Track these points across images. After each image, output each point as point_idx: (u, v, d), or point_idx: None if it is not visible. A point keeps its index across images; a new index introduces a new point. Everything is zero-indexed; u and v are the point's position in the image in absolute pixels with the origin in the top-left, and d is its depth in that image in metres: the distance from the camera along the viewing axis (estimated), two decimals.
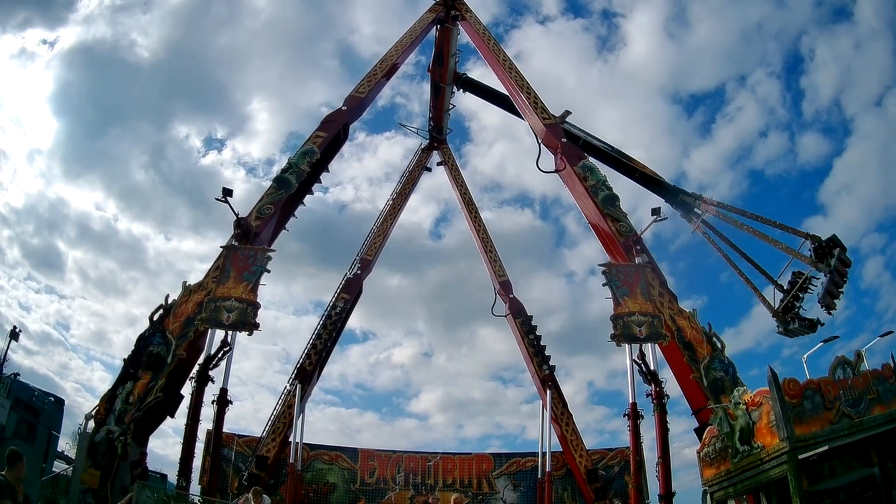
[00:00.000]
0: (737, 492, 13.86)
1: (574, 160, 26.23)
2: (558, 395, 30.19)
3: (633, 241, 23.70)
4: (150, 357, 19.54)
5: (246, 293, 20.61)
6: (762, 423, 12.67)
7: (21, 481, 8.17)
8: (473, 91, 37.63)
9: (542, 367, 31.02)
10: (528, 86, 29.56)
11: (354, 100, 28.60)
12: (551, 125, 27.89)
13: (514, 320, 33.98)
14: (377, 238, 37.92)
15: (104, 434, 18.07)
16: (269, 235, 24.15)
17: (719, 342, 21.05)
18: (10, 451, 8.26)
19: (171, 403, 20.40)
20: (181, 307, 20.67)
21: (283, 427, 27.73)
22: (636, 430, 21.01)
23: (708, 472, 15.08)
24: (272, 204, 24.01)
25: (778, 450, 11.86)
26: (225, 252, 21.82)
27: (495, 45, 31.96)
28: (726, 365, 20.42)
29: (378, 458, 32.92)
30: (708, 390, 19.78)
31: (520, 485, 31.65)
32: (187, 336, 20.10)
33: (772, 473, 12.07)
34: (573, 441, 29.10)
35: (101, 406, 18.74)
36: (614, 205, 24.80)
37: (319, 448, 32.35)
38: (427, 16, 33.77)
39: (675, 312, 21.74)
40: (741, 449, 13.33)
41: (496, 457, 33.35)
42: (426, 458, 33.13)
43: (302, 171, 25.11)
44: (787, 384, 12.23)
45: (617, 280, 21.84)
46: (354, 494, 31.54)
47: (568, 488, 30.17)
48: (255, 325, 20.27)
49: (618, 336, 20.77)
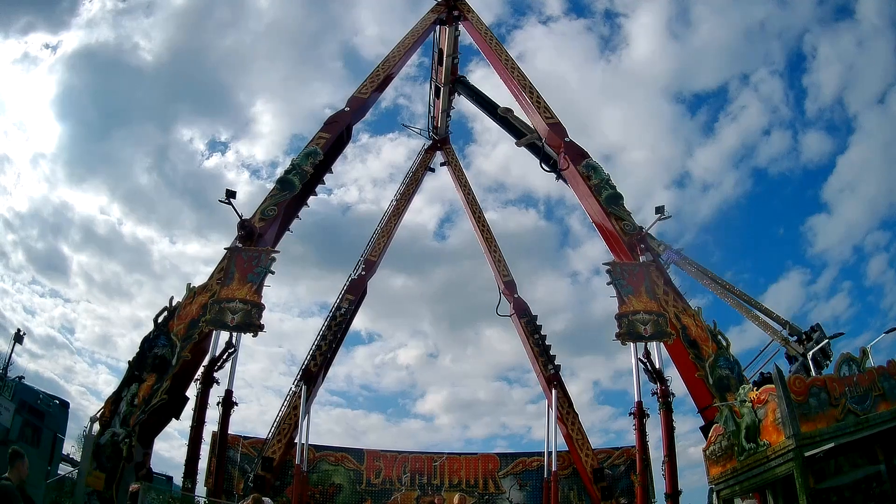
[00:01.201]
0: (743, 490, 13.81)
1: (577, 159, 26.19)
2: (564, 395, 30.14)
3: (637, 239, 23.62)
4: (154, 359, 19.52)
5: (250, 295, 20.52)
6: (768, 421, 12.61)
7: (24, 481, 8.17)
8: (466, 93, 37.62)
9: (547, 366, 30.97)
10: (530, 85, 29.48)
11: (357, 101, 28.55)
12: (554, 125, 27.81)
13: (518, 320, 33.91)
14: (381, 239, 37.85)
15: (109, 436, 18.08)
16: (272, 237, 24.07)
17: (724, 340, 20.94)
18: (10, 451, 8.28)
19: (176, 405, 20.32)
20: (185, 309, 20.63)
21: (288, 428, 27.77)
22: (642, 429, 20.99)
23: (714, 470, 15.03)
24: (276, 205, 23.91)
25: (784, 447, 11.80)
26: (229, 254, 21.73)
27: (497, 45, 31.91)
28: (731, 363, 20.32)
29: (384, 458, 32.89)
30: (713, 388, 19.68)
31: (526, 484, 31.60)
32: (192, 338, 20.05)
33: (778, 471, 12.01)
34: (579, 440, 29.05)
35: (106, 408, 18.76)
36: (618, 203, 24.70)
37: (325, 449, 32.35)
38: (429, 16, 33.72)
39: (680, 310, 21.66)
40: (747, 447, 13.27)
41: (502, 457, 33.31)
42: (432, 459, 33.09)
43: (305, 173, 25.02)
44: (793, 381, 12.19)
45: (621, 279, 21.75)
46: (360, 495, 31.52)
47: (574, 488, 30.11)
48: (260, 327, 20.19)
49: (623, 335, 20.71)
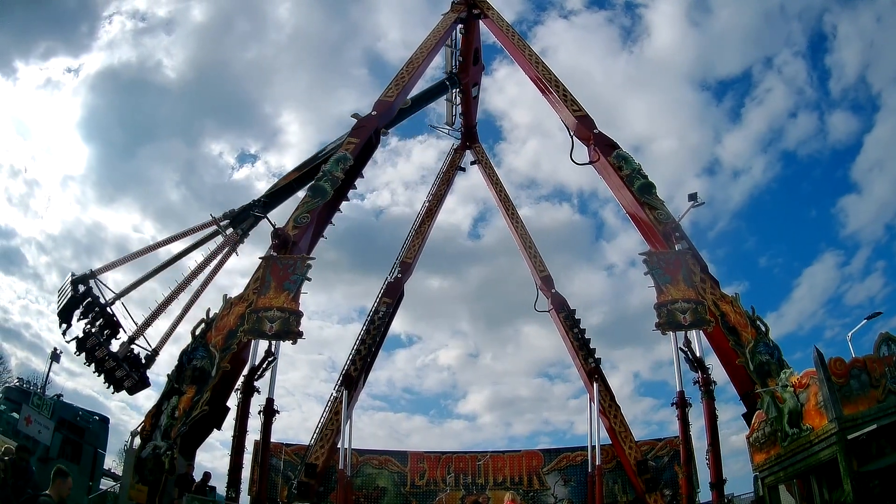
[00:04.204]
0: (787, 476, 13.63)
1: (607, 150, 26.04)
2: (605, 388, 29.88)
3: (672, 228, 23.42)
4: (194, 371, 19.73)
5: (288, 302, 20.73)
6: (810, 405, 12.45)
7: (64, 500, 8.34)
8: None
9: (587, 360, 30.79)
10: (556, 79, 29.45)
11: (383, 104, 28.66)
12: (582, 117, 27.71)
13: (557, 315, 33.77)
14: (416, 241, 37.99)
15: (151, 449, 18.25)
16: (307, 244, 24.32)
17: (763, 325, 20.68)
18: (55, 469, 8.49)
19: (217, 416, 20.65)
20: (223, 320, 20.85)
21: (331, 434, 27.92)
22: (685, 419, 20.80)
23: (758, 457, 14.86)
24: (308, 212, 24.08)
25: (827, 431, 11.64)
26: (264, 263, 21.94)
27: (520, 40, 31.90)
28: (771, 348, 20.06)
29: (427, 459, 32.92)
30: (754, 374, 19.47)
31: (570, 480, 31.36)
32: (230, 348, 20.26)
33: (821, 455, 11.84)
34: (622, 433, 28.81)
35: (146, 422, 18.98)
36: (651, 193, 24.53)
37: (368, 453, 32.50)
38: (449, 16, 33.88)
39: (718, 298, 21.43)
40: (790, 432, 13.10)
41: (546, 453, 33.09)
42: (475, 458, 33.08)
43: (336, 178, 25.17)
44: (834, 364, 12.01)
45: (658, 268, 21.62)
46: (405, 497, 31.60)
47: (619, 481, 29.82)
48: (299, 334, 20.39)
49: (662, 324, 20.57)
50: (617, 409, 29.63)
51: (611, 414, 29.20)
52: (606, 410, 29.04)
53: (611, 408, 29.41)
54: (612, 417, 29.17)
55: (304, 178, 26.82)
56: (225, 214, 26.92)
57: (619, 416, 29.38)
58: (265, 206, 27.72)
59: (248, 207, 27.45)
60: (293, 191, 27.76)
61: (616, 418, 29.23)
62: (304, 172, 28.68)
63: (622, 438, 28.66)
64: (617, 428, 28.86)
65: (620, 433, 28.75)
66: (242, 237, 27.34)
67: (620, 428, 28.92)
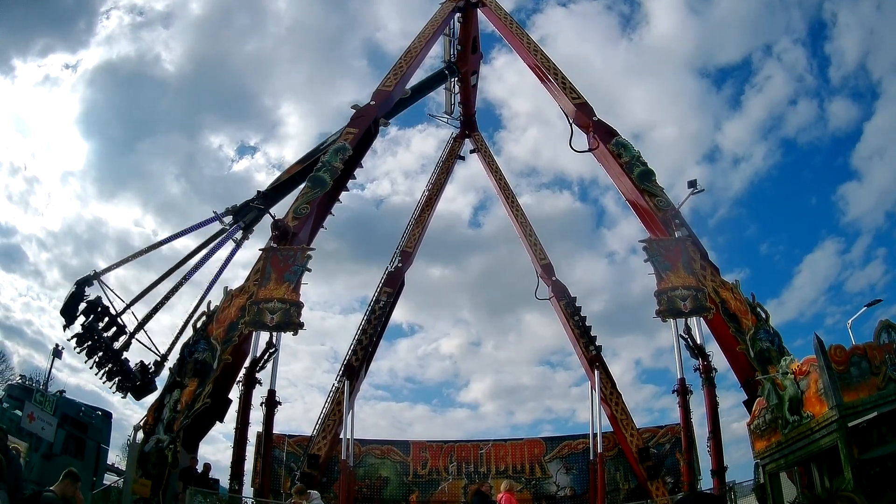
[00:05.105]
0: (788, 463, 13.62)
1: (606, 138, 25.97)
2: (606, 376, 29.90)
3: (672, 215, 23.37)
4: (195, 364, 19.59)
5: (288, 293, 20.65)
6: (811, 392, 12.40)
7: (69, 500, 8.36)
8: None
9: (588, 348, 30.80)
10: (554, 67, 29.29)
11: (382, 94, 28.57)
12: (581, 105, 27.60)
13: (558, 303, 33.76)
14: (416, 230, 37.93)
15: (153, 443, 18.17)
16: (307, 235, 24.26)
17: (763, 312, 20.61)
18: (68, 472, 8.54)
19: (219, 408, 20.67)
20: (224, 312, 20.68)
21: (333, 424, 27.97)
22: (686, 406, 20.84)
23: (759, 444, 14.82)
24: (308, 203, 23.98)
25: (827, 418, 11.61)
26: (264, 254, 21.85)
27: (518, 29, 31.76)
28: (772, 335, 19.98)
29: (430, 449, 33.07)
30: (755, 361, 19.41)
31: (572, 467, 31.54)
32: (232, 340, 20.12)
33: (822, 443, 11.81)
34: (623, 420, 28.84)
35: (149, 416, 18.89)
36: (650, 180, 24.43)
37: (371, 443, 32.64)
38: (447, 5, 33.72)
39: (718, 285, 21.39)
40: (791, 419, 13.06)
41: (548, 441, 33.25)
42: (478, 447, 33.21)
43: (335, 169, 25.06)
44: (834, 351, 11.97)
45: (658, 255, 21.58)
46: (408, 487, 31.77)
47: (620, 468, 29.96)
48: (300, 325, 20.30)
49: (663, 311, 20.57)
50: (618, 396, 29.65)
51: (612, 401, 29.22)
52: (608, 398, 29.07)
53: (612, 395, 29.43)
54: (614, 405, 29.20)
55: (307, 170, 26.63)
56: (227, 210, 26.78)
57: (620, 403, 29.40)
58: (266, 199, 27.64)
59: (250, 202, 27.35)
60: (296, 184, 27.60)
61: (618, 406, 29.25)
62: (306, 165, 28.57)
63: (624, 426, 28.69)
64: (618, 415, 28.89)
65: (622, 420, 28.78)
66: (247, 232, 27.21)
67: (622, 415, 28.95)
